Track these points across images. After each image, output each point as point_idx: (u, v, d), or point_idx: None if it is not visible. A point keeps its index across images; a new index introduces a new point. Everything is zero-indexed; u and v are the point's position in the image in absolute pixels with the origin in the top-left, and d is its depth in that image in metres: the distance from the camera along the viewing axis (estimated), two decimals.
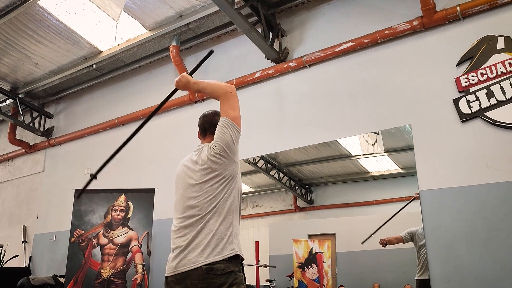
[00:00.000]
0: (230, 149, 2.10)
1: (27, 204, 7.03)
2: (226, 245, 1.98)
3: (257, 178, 5.78)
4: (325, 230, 5.27)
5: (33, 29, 5.41)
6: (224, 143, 2.09)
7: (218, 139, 2.10)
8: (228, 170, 2.10)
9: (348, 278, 4.89)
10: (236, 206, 2.11)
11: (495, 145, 3.46)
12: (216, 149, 2.08)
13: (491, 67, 3.60)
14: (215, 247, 1.96)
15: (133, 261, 4.73)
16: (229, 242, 1.99)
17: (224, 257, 1.95)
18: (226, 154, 2.09)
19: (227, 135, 2.11)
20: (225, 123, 2.13)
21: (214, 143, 2.10)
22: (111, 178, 5.88)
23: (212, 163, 2.08)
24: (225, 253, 1.96)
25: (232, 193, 2.09)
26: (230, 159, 2.11)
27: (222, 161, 2.08)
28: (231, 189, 2.09)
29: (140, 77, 6.19)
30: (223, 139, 2.10)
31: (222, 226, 2.01)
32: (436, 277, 3.47)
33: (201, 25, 5.22)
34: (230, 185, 2.09)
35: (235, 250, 1.99)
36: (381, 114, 4.09)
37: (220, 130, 2.12)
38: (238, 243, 2.04)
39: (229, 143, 2.10)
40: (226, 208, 2.05)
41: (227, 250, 1.97)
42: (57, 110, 7.23)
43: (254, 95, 4.97)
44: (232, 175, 2.11)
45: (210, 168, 2.08)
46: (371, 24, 4.28)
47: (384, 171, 5.14)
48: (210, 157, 2.08)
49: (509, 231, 3.25)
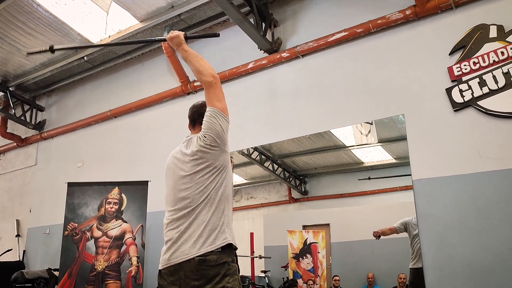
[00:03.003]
0: (221, 139, 2.08)
1: (19, 198, 6.99)
2: (219, 234, 1.97)
3: (251, 170, 5.78)
4: (319, 221, 5.29)
5: (23, 21, 5.33)
6: (214, 133, 2.07)
7: (207, 130, 2.08)
8: (219, 160, 2.08)
9: (343, 268, 4.92)
10: (228, 195, 2.10)
11: (487, 134, 3.48)
12: (207, 139, 2.06)
13: (484, 56, 3.60)
14: (207, 237, 1.95)
15: (127, 253, 4.72)
16: (221, 231, 1.98)
17: (217, 247, 1.94)
18: (216, 144, 2.07)
19: (216, 125, 2.08)
20: (213, 112, 2.10)
21: (204, 133, 2.08)
22: (104, 171, 5.86)
23: (203, 154, 2.06)
24: (218, 243, 1.95)
25: (223, 183, 2.08)
26: (221, 149, 2.09)
27: (213, 151, 2.06)
28: (222, 178, 2.08)
29: (132, 69, 6.14)
30: (213, 129, 2.07)
31: (214, 216, 2.00)
32: (429, 266, 3.50)
33: (193, 16, 5.16)
34: (221, 175, 2.08)
35: (227, 240, 1.98)
36: (374, 104, 4.09)
37: (208, 120, 2.09)
38: (230, 233, 2.03)
39: (219, 133, 2.08)
40: (217, 198, 2.03)
41: (219, 240, 1.96)
42: (48, 103, 7.17)
43: (247, 86, 4.95)
44: (223, 165, 2.10)
45: (201, 159, 2.06)
46: (364, 14, 4.26)
47: (378, 162, 5.16)
48: (201, 147, 2.06)
49: (501, 219, 3.27)
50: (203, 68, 2.18)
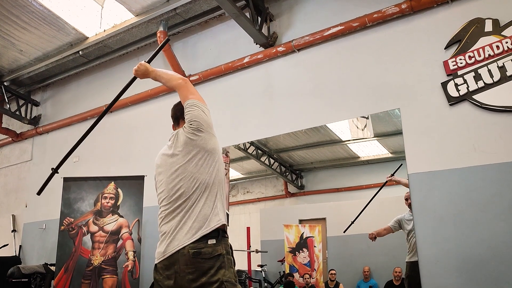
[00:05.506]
0: (206, 123, 2.13)
1: (15, 193, 6.98)
2: (213, 217, 2.00)
3: (247, 165, 5.79)
4: (315, 215, 5.31)
5: (17, 15, 5.29)
6: (199, 119, 2.11)
7: (191, 117, 2.12)
8: (209, 144, 2.11)
9: (339, 261, 4.94)
10: (220, 179, 2.13)
11: (482, 127, 3.49)
12: (193, 125, 2.10)
13: (479, 50, 3.61)
14: (202, 223, 1.98)
15: (123, 248, 4.73)
16: (215, 213, 2.02)
17: (212, 228, 1.97)
18: (203, 128, 2.11)
19: (199, 111, 2.13)
20: (191, 103, 2.16)
21: (189, 122, 2.12)
22: (100, 166, 5.85)
23: (192, 141, 2.09)
24: (213, 225, 1.99)
25: (216, 166, 2.11)
26: (208, 133, 2.12)
27: (201, 135, 2.09)
28: (214, 162, 2.11)
29: (128, 64, 6.11)
30: (196, 115, 2.12)
31: (208, 201, 2.04)
32: (425, 259, 3.52)
33: (188, 10, 5.14)
34: (213, 158, 2.11)
35: (221, 221, 2.03)
36: (370, 98, 4.09)
37: (190, 110, 2.14)
38: (224, 213, 2.08)
39: (203, 118, 2.13)
40: (211, 183, 2.07)
41: (214, 222, 2.00)
42: (43, 97, 7.13)
43: (243, 80, 4.93)
44: (214, 148, 2.13)
45: (191, 146, 2.09)
46: (360, 8, 4.26)
47: (374, 156, 5.17)
48: (189, 135, 2.09)
49: (495, 213, 3.29)
50: (171, 76, 2.32)
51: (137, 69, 2.38)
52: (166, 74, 2.35)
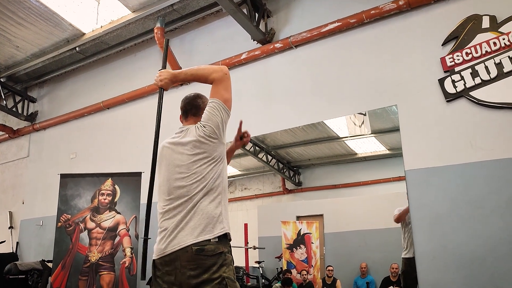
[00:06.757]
0: (220, 130, 2.09)
1: (12, 189, 6.96)
2: (217, 224, 1.98)
3: (245, 161, 5.79)
4: (313, 212, 5.32)
5: (13, 11, 5.25)
6: (214, 125, 2.07)
7: (208, 121, 2.07)
8: (217, 152, 2.09)
9: (336, 258, 4.96)
10: (224, 186, 2.11)
11: (479, 124, 3.49)
12: (207, 130, 2.06)
13: (476, 47, 3.61)
14: (205, 226, 1.96)
15: (121, 244, 4.73)
16: (219, 221, 1.99)
17: (216, 235, 1.95)
18: (216, 135, 2.07)
19: (217, 117, 2.08)
20: (216, 104, 2.10)
21: (204, 124, 2.07)
22: (98, 162, 5.84)
23: (202, 144, 2.06)
24: (216, 232, 1.96)
25: (221, 174, 2.09)
26: (219, 141, 2.10)
27: (212, 142, 2.07)
28: (220, 169, 2.08)
29: (125, 60, 6.09)
30: (214, 121, 2.07)
31: (212, 205, 2.01)
32: (421, 255, 3.53)
33: (185, 6, 5.12)
34: (218, 166, 2.08)
35: (225, 229, 2.00)
36: (367, 95, 4.09)
37: (210, 111, 2.09)
38: (227, 223, 2.05)
39: (219, 125, 2.08)
40: (215, 188, 2.04)
41: (217, 229, 1.97)
42: (40, 94, 7.10)
43: (240, 76, 4.92)
44: (221, 156, 2.11)
45: (200, 149, 2.06)
46: (357, 4, 4.25)
47: (371, 152, 5.18)
48: (200, 138, 2.06)
49: (492, 209, 3.30)
50: (212, 70, 2.15)
51: (161, 79, 2.19)
52: (200, 70, 2.17)
